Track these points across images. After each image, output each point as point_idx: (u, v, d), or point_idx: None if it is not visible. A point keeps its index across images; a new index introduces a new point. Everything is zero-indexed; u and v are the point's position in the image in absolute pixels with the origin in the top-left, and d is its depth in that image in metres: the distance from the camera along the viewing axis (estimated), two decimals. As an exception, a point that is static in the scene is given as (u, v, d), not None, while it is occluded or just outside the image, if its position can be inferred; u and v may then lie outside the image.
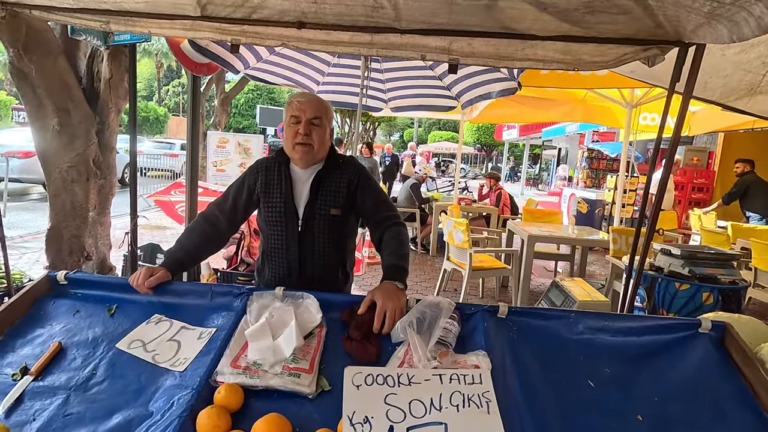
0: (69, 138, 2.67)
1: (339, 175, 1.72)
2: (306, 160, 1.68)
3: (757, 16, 1.25)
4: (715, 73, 2.39)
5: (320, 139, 1.67)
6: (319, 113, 1.67)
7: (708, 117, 5.76)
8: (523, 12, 1.68)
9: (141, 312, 1.40)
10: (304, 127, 1.64)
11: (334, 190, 1.70)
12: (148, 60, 35.88)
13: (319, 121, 1.67)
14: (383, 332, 1.31)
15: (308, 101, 1.68)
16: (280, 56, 3.59)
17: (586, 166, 11.41)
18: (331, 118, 1.77)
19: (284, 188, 1.70)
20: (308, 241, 1.69)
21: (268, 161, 1.78)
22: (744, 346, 1.22)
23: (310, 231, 1.69)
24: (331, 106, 1.80)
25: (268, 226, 1.73)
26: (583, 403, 1.14)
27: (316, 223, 1.69)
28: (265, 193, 1.72)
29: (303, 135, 1.63)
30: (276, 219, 1.70)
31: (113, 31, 2.29)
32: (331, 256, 1.73)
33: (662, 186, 2.11)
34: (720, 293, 2.64)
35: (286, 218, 1.69)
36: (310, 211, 1.68)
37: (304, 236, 1.69)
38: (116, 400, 1.13)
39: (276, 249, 1.73)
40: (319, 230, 1.69)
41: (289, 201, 1.69)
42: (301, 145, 1.65)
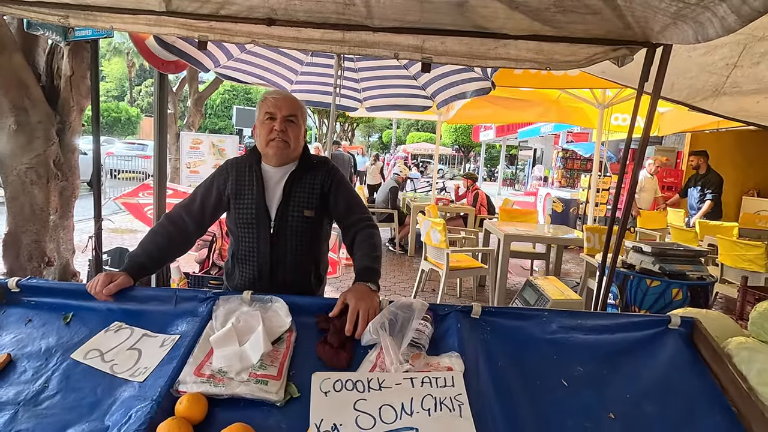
0: (27, 138, 2.54)
1: (312, 176, 1.69)
2: (281, 156, 1.64)
3: (721, 17, 1.28)
4: (682, 75, 2.45)
5: (296, 136, 1.65)
6: (294, 111, 1.64)
7: (676, 118, 5.93)
8: (495, 11, 1.68)
9: (99, 320, 1.33)
10: (280, 123, 1.61)
11: (307, 191, 1.66)
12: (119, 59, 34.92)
13: (295, 119, 1.64)
14: (356, 336, 1.27)
15: (284, 98, 1.65)
16: (252, 54, 3.52)
17: (560, 166, 11.62)
18: (305, 117, 1.73)
19: (256, 189, 1.65)
20: (280, 244, 1.64)
21: (239, 161, 1.73)
22: (712, 341, 1.23)
23: (282, 233, 1.64)
24: (304, 105, 1.76)
25: (239, 229, 1.67)
26: (556, 404, 1.13)
27: (288, 225, 1.64)
28: (235, 194, 1.66)
29: (279, 131, 1.60)
30: (247, 221, 1.64)
31: (73, 26, 2.19)
32: (304, 259, 1.69)
33: (632, 185, 2.14)
34: (689, 289, 2.71)
35: (257, 220, 1.64)
36: (282, 213, 1.63)
37: (277, 239, 1.64)
38: (69, 414, 1.06)
39: (247, 252, 1.67)
40: (291, 232, 1.64)
41: (261, 202, 1.64)
42: (277, 141, 1.61)
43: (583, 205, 8.39)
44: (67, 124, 2.73)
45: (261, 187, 1.65)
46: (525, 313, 1.36)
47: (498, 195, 16.81)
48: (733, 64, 2.25)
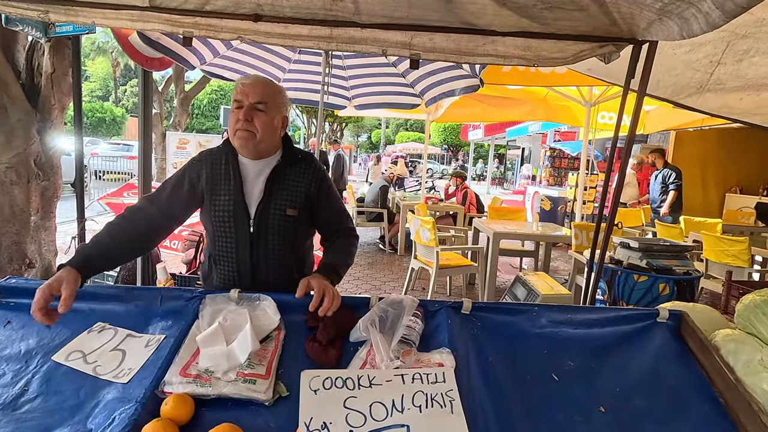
0: (6, 137, 2.47)
1: (297, 172, 1.57)
2: (247, 149, 1.50)
3: (705, 13, 1.29)
4: (667, 72, 2.48)
5: (264, 126, 1.48)
6: (263, 98, 1.48)
7: (661, 116, 6.02)
8: (483, 7, 1.68)
9: (82, 320, 1.30)
10: (245, 112, 1.46)
11: (291, 188, 1.55)
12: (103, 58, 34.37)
13: (264, 107, 1.48)
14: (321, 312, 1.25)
15: (252, 84, 1.49)
16: (238, 51, 3.48)
17: (548, 165, 11.74)
18: (282, 104, 1.55)
19: (233, 184, 1.51)
20: (261, 244, 1.53)
21: (214, 152, 1.59)
22: (699, 333, 1.24)
23: (262, 233, 1.52)
24: (283, 91, 1.59)
25: (215, 227, 1.55)
26: (547, 398, 1.13)
27: (269, 224, 1.52)
28: (211, 189, 1.53)
29: (243, 121, 1.46)
30: (224, 219, 1.52)
31: (53, 22, 2.14)
32: (287, 260, 1.58)
33: (620, 181, 2.16)
34: (675, 284, 2.74)
35: (235, 218, 1.51)
36: (263, 211, 1.52)
37: (257, 238, 1.52)
38: (50, 418, 1.03)
39: (224, 252, 1.56)
40: (273, 232, 1.53)
41: (239, 199, 1.51)
42: (242, 131, 1.46)
43: (570, 203, 8.48)
44: (48, 122, 2.67)
45: (239, 181, 1.52)
46: (515, 308, 1.36)
47: (487, 194, 16.90)
48: (717, 62, 2.28)
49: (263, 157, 1.56)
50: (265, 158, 1.56)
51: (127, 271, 3.14)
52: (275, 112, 1.52)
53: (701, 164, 8.81)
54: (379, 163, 13.71)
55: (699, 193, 8.86)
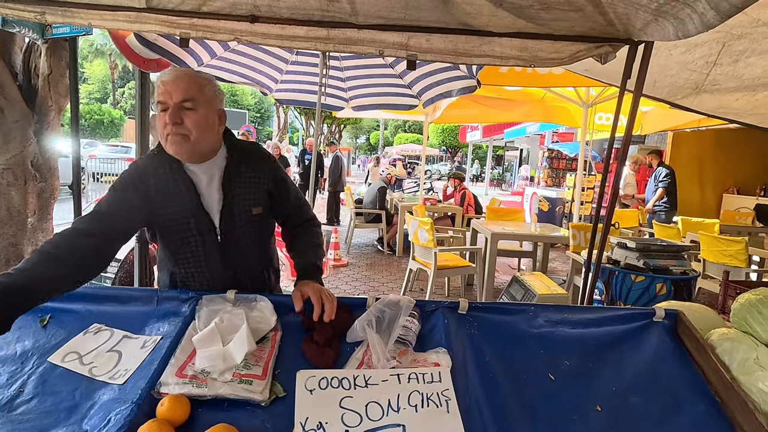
0: (3, 139, 2.46)
1: (251, 167, 1.46)
2: (183, 154, 1.34)
3: (700, 13, 1.29)
4: (663, 72, 2.49)
5: (197, 125, 1.32)
6: (189, 94, 1.31)
7: (658, 116, 6.03)
8: (480, 8, 1.68)
9: (78, 322, 1.30)
10: (171, 114, 1.29)
11: (250, 185, 1.45)
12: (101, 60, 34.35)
13: (193, 104, 1.32)
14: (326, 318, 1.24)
15: (175, 80, 1.32)
16: (236, 53, 3.48)
17: (546, 166, 11.77)
18: (213, 96, 1.39)
19: (187, 196, 1.38)
20: (231, 250, 1.44)
21: (153, 163, 1.39)
22: (696, 332, 1.25)
23: (231, 238, 1.44)
24: (212, 82, 1.41)
25: (177, 245, 1.42)
26: (543, 398, 1.13)
27: (237, 227, 1.44)
28: (161, 204, 1.37)
29: (171, 124, 1.30)
30: (187, 234, 1.40)
31: (50, 23, 2.14)
32: (259, 259, 1.55)
33: (616, 182, 2.16)
34: (672, 284, 2.75)
35: (199, 231, 1.40)
36: (228, 217, 1.42)
37: (226, 246, 1.43)
38: (46, 419, 1.03)
39: (193, 267, 1.45)
40: (242, 236, 1.45)
41: (199, 210, 1.39)
42: (173, 135, 1.30)
43: (568, 203, 8.50)
44: (45, 124, 2.67)
45: (193, 191, 1.39)
46: (511, 308, 1.36)
47: (485, 195, 16.92)
48: (713, 62, 2.29)
49: (207, 159, 1.41)
50: (211, 159, 1.42)
51: (125, 272, 3.14)
52: (207, 108, 1.36)
53: (698, 164, 8.84)
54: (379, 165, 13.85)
55: (696, 194, 8.89)
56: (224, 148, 1.46)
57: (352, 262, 6.40)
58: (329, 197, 9.62)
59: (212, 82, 1.41)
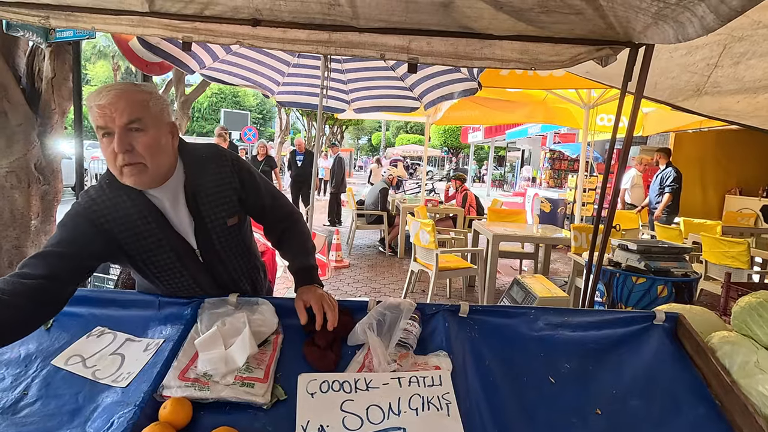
0: (7, 141, 2.48)
1: (213, 175, 1.33)
2: (143, 183, 1.21)
3: (700, 17, 1.30)
4: (664, 75, 2.49)
5: (149, 148, 1.17)
6: (134, 113, 1.14)
7: (660, 118, 6.03)
8: (480, 11, 1.69)
9: (81, 325, 1.31)
10: (119, 142, 1.13)
11: (218, 196, 1.34)
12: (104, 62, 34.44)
13: (141, 123, 1.15)
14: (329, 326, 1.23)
15: (114, 101, 1.13)
16: (238, 56, 3.50)
17: (548, 167, 11.75)
18: (160, 111, 1.22)
19: (156, 224, 1.27)
20: (216, 267, 1.40)
21: (108, 195, 1.24)
22: (696, 335, 1.25)
23: (213, 257, 1.38)
24: (156, 92, 1.24)
25: (162, 275, 1.35)
26: (544, 401, 1.13)
27: (215, 244, 1.36)
28: (130, 240, 1.25)
29: (122, 154, 1.14)
30: (170, 264, 1.32)
31: (54, 27, 2.16)
32: (246, 266, 1.51)
33: (617, 184, 2.17)
34: (674, 285, 2.74)
35: (179, 258, 1.32)
36: (204, 236, 1.34)
37: (211, 264, 1.38)
38: (49, 422, 1.04)
39: (186, 291, 1.40)
40: (223, 249, 1.39)
41: (172, 235, 1.29)
42: (129, 167, 1.16)
43: (570, 204, 8.48)
44: (49, 126, 2.69)
45: (161, 218, 1.27)
46: (512, 311, 1.37)
47: (487, 196, 16.91)
48: (714, 64, 2.29)
49: (166, 179, 1.27)
50: (170, 179, 1.28)
51: (127, 274, 3.15)
52: (156, 127, 1.20)
53: (700, 166, 8.83)
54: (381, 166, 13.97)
55: (698, 195, 8.87)
56: (179, 161, 1.31)
57: (353, 263, 6.41)
58: (331, 199, 9.64)
59: (154, 94, 1.22)
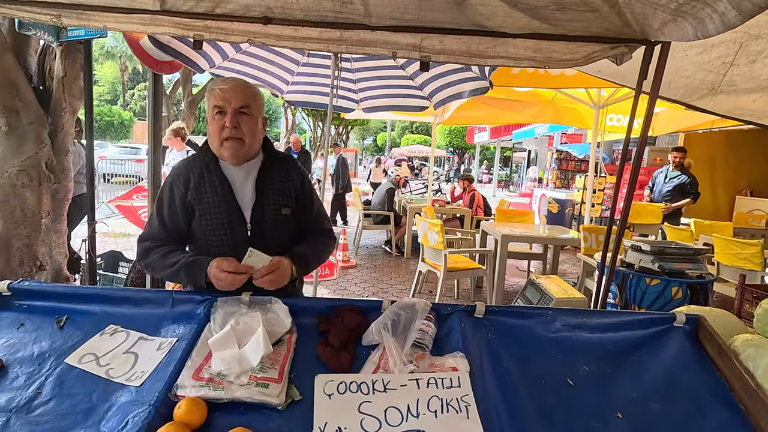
0: (18, 140, 2.49)
1: (283, 172, 1.57)
2: (237, 156, 1.48)
3: (721, 13, 1.27)
4: (678, 73, 2.46)
5: (251, 130, 1.46)
6: (246, 101, 1.45)
7: (670, 118, 5.97)
8: (494, 9, 1.67)
9: (94, 323, 1.30)
10: (231, 118, 1.42)
11: (282, 188, 1.55)
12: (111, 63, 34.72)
13: (248, 110, 1.45)
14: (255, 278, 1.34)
15: (233, 88, 1.45)
16: (248, 54, 3.49)
17: (555, 167, 11.68)
18: (262, 105, 1.54)
19: (221, 191, 1.49)
20: (260, 245, 1.45)
21: (192, 163, 1.54)
22: (718, 338, 1.22)
23: (260, 235, 1.51)
24: (260, 92, 1.57)
25: (208, 236, 1.50)
26: (563, 403, 1.11)
27: (266, 225, 1.51)
28: (198, 199, 1.49)
29: (231, 128, 1.42)
30: (219, 226, 1.48)
31: (66, 26, 2.16)
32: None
33: (632, 184, 2.14)
34: (688, 287, 2.71)
35: (230, 223, 1.48)
36: (259, 213, 1.51)
37: (255, 242, 1.47)
38: (63, 421, 1.03)
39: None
40: (270, 233, 1.52)
41: (232, 203, 1.49)
42: (231, 140, 1.44)
43: (578, 205, 8.42)
44: (60, 126, 2.69)
45: (227, 188, 1.49)
46: (529, 311, 1.35)
47: (493, 197, 16.85)
48: (730, 63, 2.25)
49: (248, 161, 1.53)
50: (249, 161, 1.54)
51: (137, 273, 3.16)
52: (258, 115, 1.50)
53: (710, 166, 8.72)
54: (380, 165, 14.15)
55: (708, 196, 8.75)
56: (261, 152, 1.58)
57: (360, 263, 6.40)
58: (333, 199, 9.59)
59: (260, 93, 1.55)
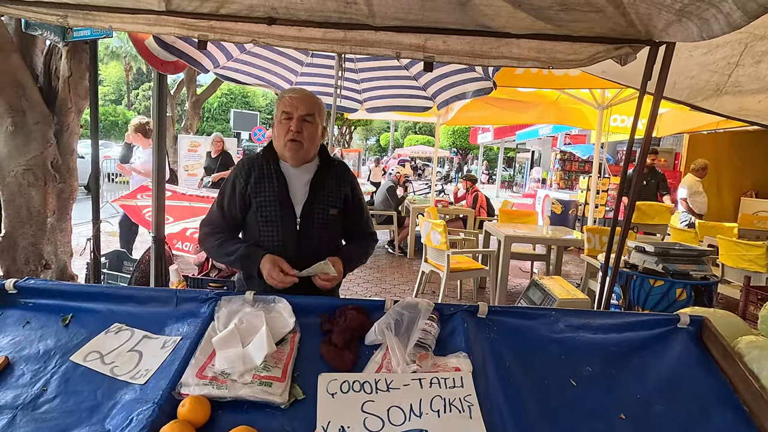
0: (24, 140, 2.51)
1: (335, 176, 1.72)
2: (297, 157, 1.65)
3: (726, 13, 1.27)
4: (683, 74, 2.45)
5: (311, 136, 1.64)
6: (311, 110, 1.63)
7: (674, 118, 5.94)
8: (498, 9, 1.67)
9: (99, 321, 1.31)
10: (296, 123, 1.60)
11: (333, 191, 1.70)
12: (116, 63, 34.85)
13: (312, 118, 1.63)
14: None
15: (300, 97, 1.64)
16: (252, 55, 3.50)
17: (559, 168, 11.64)
18: (324, 116, 1.72)
19: (278, 186, 1.65)
20: (306, 240, 1.65)
21: (255, 159, 1.71)
22: (722, 340, 1.22)
23: (308, 230, 1.65)
24: (323, 103, 1.73)
25: (261, 226, 1.65)
26: (566, 404, 1.11)
27: (314, 222, 1.66)
28: (255, 191, 1.65)
29: (295, 132, 1.59)
30: (271, 218, 1.64)
31: (72, 26, 2.17)
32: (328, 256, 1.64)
33: (637, 184, 2.13)
34: (693, 289, 2.69)
35: (282, 217, 1.63)
36: (308, 211, 1.65)
37: (302, 235, 1.64)
38: (68, 418, 1.04)
39: (270, 250, 1.61)
40: (317, 230, 1.66)
41: (285, 199, 1.64)
42: (293, 142, 1.60)
43: (581, 206, 8.39)
44: (65, 125, 2.71)
45: (283, 184, 1.65)
46: (532, 312, 1.35)
47: (497, 197, 16.83)
48: (735, 63, 2.24)
49: (305, 163, 1.69)
50: (307, 164, 1.70)
51: (140, 272, 3.17)
52: (320, 123, 1.68)
53: (715, 168, 8.66)
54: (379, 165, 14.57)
55: (713, 197, 8.70)
56: (317, 158, 1.74)
57: (363, 263, 6.39)
58: None
59: (323, 105, 1.74)
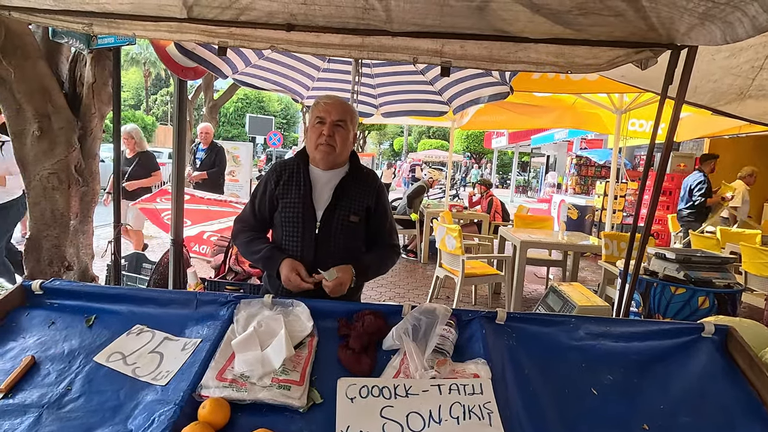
0: (49, 144, 2.58)
1: (362, 184, 1.75)
2: (327, 161, 1.69)
3: (752, 17, 1.24)
4: (705, 78, 2.40)
5: (343, 141, 1.68)
6: (344, 116, 1.68)
7: (695, 123, 5.83)
8: (516, 14, 1.66)
9: (121, 322, 1.33)
10: (328, 128, 1.64)
11: (356, 198, 1.72)
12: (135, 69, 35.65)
13: (344, 124, 1.68)
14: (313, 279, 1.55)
15: (334, 104, 1.69)
16: (270, 61, 3.54)
17: (574, 173, 11.51)
18: (356, 123, 1.75)
19: (303, 189, 1.69)
20: (324, 245, 1.67)
21: (287, 162, 1.78)
22: (749, 350, 1.19)
23: (327, 234, 1.68)
24: (356, 111, 1.78)
25: (284, 227, 1.71)
26: (587, 413, 1.09)
27: (334, 227, 1.68)
28: (283, 193, 1.71)
29: (327, 136, 1.64)
30: (293, 219, 1.68)
31: (96, 34, 2.23)
32: (346, 261, 1.66)
33: (656, 191, 2.09)
34: (716, 297, 2.63)
35: (303, 219, 1.67)
36: (329, 215, 1.68)
37: (321, 239, 1.67)
38: (92, 418, 1.06)
39: (290, 251, 1.69)
40: (336, 235, 1.68)
41: (308, 202, 1.68)
42: (324, 145, 1.65)
43: (598, 212, 8.27)
44: (89, 130, 2.77)
45: (308, 187, 1.69)
46: (551, 319, 1.33)
47: (511, 202, 16.70)
48: (759, 67, 2.20)
49: (334, 168, 1.73)
50: (335, 169, 1.73)
51: (159, 275, 3.22)
52: (351, 130, 1.72)
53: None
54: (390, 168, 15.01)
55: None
56: (348, 164, 1.77)
57: (377, 268, 6.38)
58: None
59: (356, 113, 1.80)
